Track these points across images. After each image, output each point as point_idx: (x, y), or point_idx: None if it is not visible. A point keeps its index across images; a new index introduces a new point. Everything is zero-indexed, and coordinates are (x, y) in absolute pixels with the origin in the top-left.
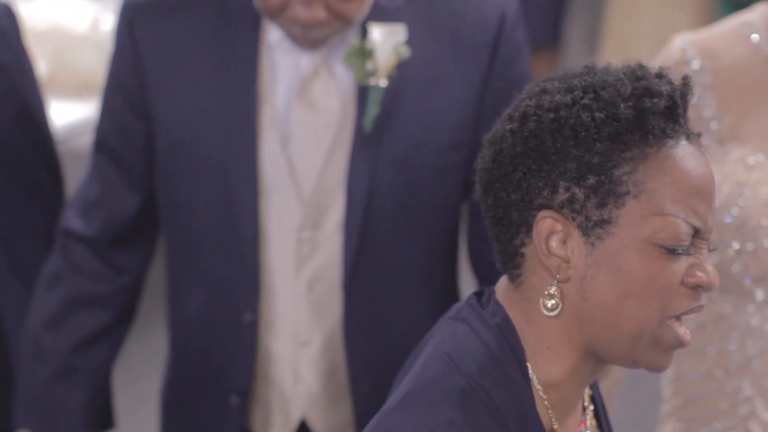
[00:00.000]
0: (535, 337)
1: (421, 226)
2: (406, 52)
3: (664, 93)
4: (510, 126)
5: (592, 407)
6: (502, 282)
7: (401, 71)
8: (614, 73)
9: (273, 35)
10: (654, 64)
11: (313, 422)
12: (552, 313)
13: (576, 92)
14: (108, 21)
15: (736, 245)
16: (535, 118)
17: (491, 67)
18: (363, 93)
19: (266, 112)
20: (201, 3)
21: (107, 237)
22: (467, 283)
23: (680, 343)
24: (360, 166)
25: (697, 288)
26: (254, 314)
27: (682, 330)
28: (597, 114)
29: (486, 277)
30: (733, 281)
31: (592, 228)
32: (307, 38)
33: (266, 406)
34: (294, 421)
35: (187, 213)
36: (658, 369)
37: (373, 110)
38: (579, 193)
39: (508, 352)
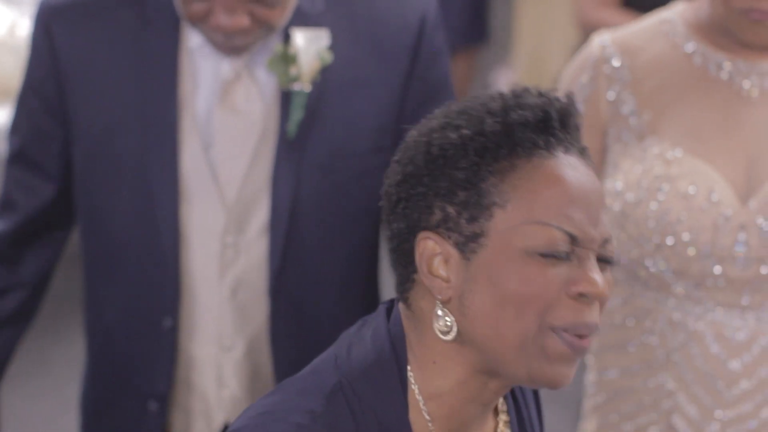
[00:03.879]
0: (422, 350)
1: (345, 229)
2: (329, 56)
3: (534, 105)
4: (396, 158)
5: None
6: None
7: (324, 76)
8: (492, 94)
9: (193, 40)
10: (574, 62)
11: None
12: (446, 337)
13: (450, 115)
14: (25, 26)
15: (656, 239)
16: (412, 145)
17: (412, 70)
18: (286, 98)
19: (187, 117)
20: (120, 6)
21: (11, 235)
22: (389, 287)
23: (573, 350)
24: (284, 171)
25: (582, 298)
26: (175, 320)
27: (573, 337)
28: (464, 131)
29: None
30: (653, 276)
31: (466, 243)
32: (229, 45)
33: (187, 412)
34: (216, 426)
35: (106, 218)
36: (557, 384)
37: (296, 115)
38: (451, 210)
39: (392, 357)
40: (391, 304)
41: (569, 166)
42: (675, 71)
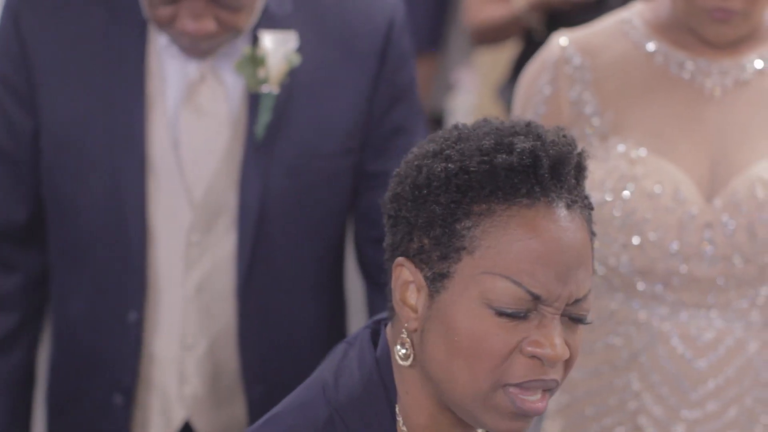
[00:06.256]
0: (399, 378)
1: (313, 231)
2: (297, 59)
3: (524, 150)
4: (397, 170)
5: None
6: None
7: (292, 78)
8: (493, 126)
9: (161, 39)
10: (532, 64)
11: (198, 424)
12: (404, 363)
13: (448, 142)
14: None
15: (621, 239)
16: (405, 165)
17: (380, 73)
18: (255, 100)
19: (156, 114)
20: (89, 2)
21: None
22: (354, 286)
23: (521, 411)
24: (253, 173)
25: (536, 359)
26: (140, 314)
27: (524, 398)
28: (450, 165)
29: (373, 279)
30: (618, 276)
31: (432, 280)
32: (195, 49)
33: (144, 409)
34: (176, 423)
35: (72, 210)
36: None
37: (265, 117)
38: (426, 243)
39: (381, 389)
40: (376, 325)
41: (548, 219)
42: (636, 71)
